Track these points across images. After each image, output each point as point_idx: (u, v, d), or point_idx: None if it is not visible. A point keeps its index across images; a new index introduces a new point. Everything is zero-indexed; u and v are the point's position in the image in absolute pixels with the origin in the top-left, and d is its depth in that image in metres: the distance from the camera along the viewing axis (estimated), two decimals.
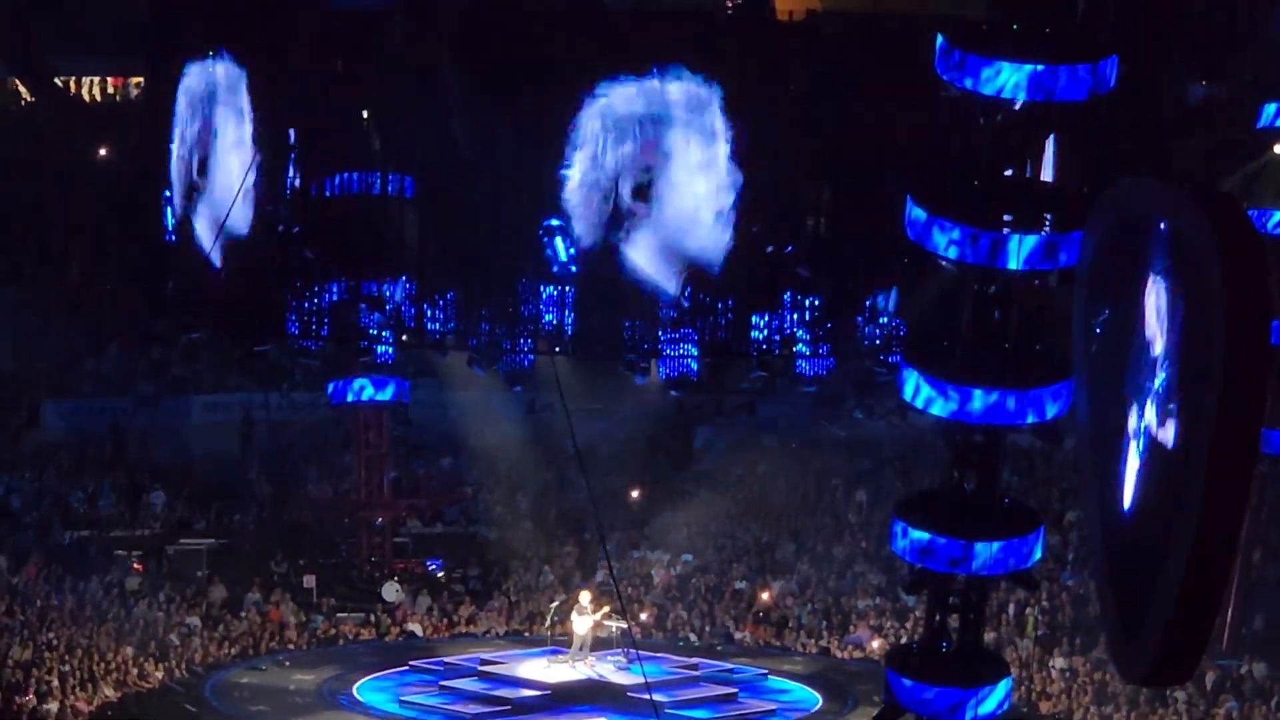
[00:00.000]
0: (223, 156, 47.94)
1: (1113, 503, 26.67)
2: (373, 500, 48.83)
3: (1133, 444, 25.83)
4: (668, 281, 44.45)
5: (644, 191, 44.52)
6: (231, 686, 40.31)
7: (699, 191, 44.73)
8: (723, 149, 44.01)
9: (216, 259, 47.87)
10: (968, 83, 26.70)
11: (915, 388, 27.47)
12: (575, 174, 45.07)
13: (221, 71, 48.11)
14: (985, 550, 27.36)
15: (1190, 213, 24.40)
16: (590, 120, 45.05)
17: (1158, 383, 25.08)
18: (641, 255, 44.59)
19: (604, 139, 45.02)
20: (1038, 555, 27.86)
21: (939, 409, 27.39)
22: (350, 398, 48.42)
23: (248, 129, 48.04)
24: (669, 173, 44.90)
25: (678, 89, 45.12)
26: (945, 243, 26.83)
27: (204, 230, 48.00)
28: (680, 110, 45.25)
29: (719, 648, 44.65)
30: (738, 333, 46.76)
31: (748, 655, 43.89)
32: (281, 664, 42.91)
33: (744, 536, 50.42)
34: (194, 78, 47.25)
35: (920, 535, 27.46)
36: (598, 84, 44.26)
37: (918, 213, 27.02)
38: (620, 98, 45.34)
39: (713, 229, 44.38)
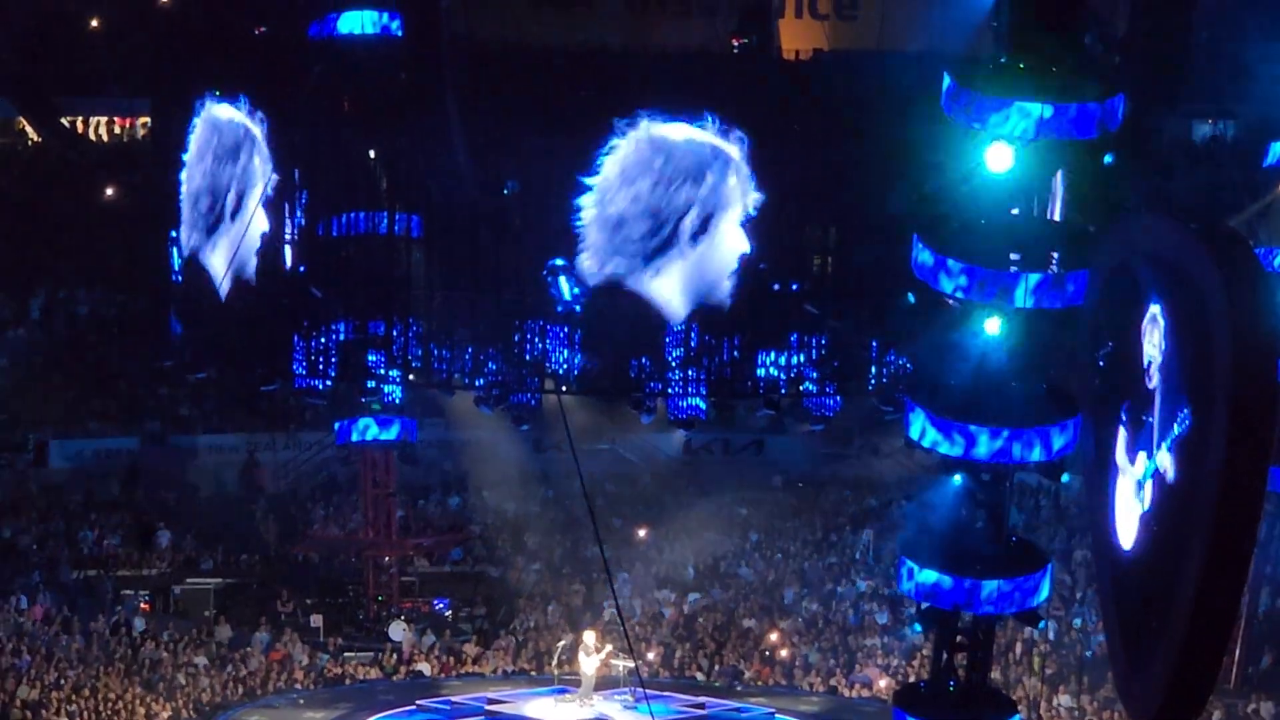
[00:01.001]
0: (231, 197, 48.16)
1: (1110, 538, 26.78)
2: (380, 539, 48.84)
3: (1127, 479, 25.93)
4: (676, 318, 44.58)
5: (699, 231, 44.72)
6: None
7: (735, 242, 44.92)
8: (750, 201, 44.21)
9: (224, 298, 48.11)
10: (976, 123, 26.83)
11: (921, 427, 27.55)
12: (600, 204, 45.21)
13: (230, 111, 48.33)
14: (992, 589, 27.43)
15: (1194, 250, 24.52)
16: (651, 153, 45.24)
17: (1157, 418, 25.18)
18: (668, 285, 44.69)
19: (672, 171, 45.17)
20: (1045, 594, 27.95)
21: (945, 449, 27.47)
22: (355, 437, 48.46)
23: (256, 168, 48.29)
24: (723, 217, 45.08)
25: (716, 136, 45.40)
26: (953, 284, 26.95)
27: (212, 270, 48.18)
28: (726, 157, 45.51)
29: (730, 686, 44.57)
30: (745, 371, 46.83)
31: (756, 694, 43.77)
32: (296, 703, 42.89)
33: (751, 575, 50.35)
34: (202, 116, 47.43)
35: (927, 574, 27.53)
36: (611, 124, 44.42)
37: (925, 253, 27.14)
38: (684, 135, 45.57)
39: (728, 283, 44.64)
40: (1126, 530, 26.39)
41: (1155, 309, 25.22)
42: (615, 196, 45.11)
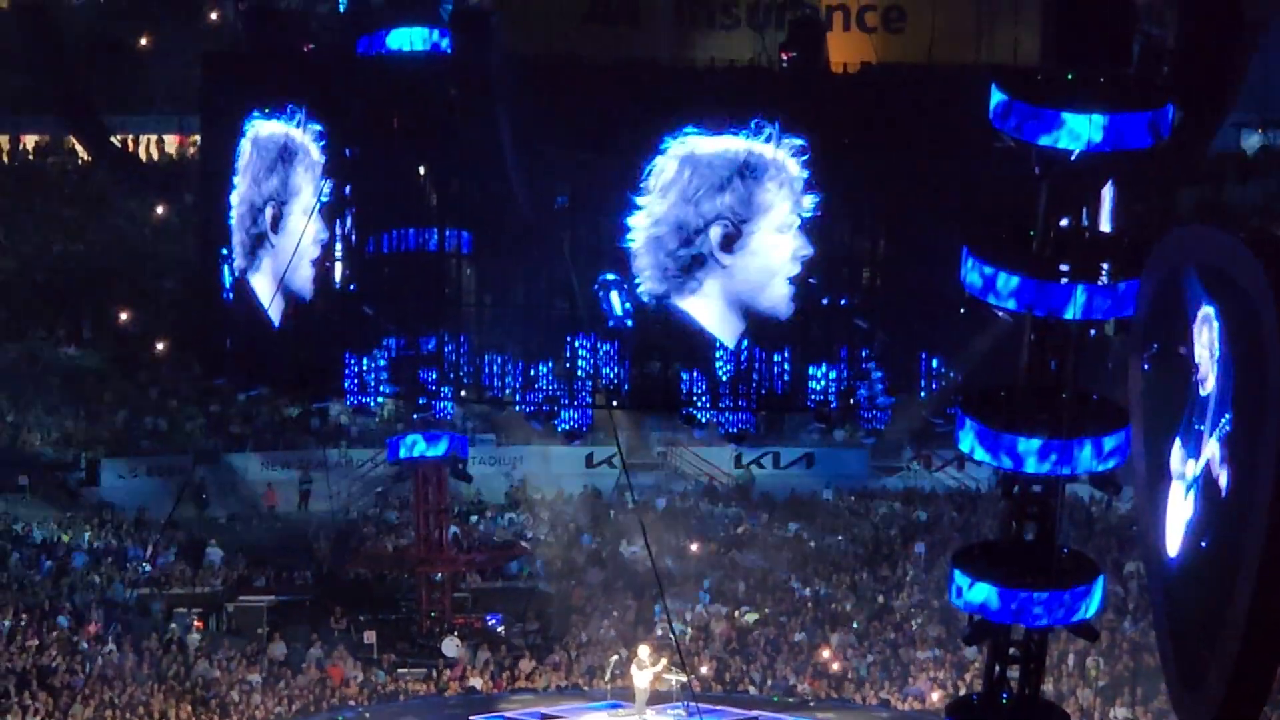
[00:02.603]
0: (284, 214, 48.36)
1: (1160, 547, 26.81)
2: (432, 555, 48.84)
3: (1178, 488, 25.98)
4: (728, 335, 44.64)
5: (730, 242, 44.76)
6: None
7: (781, 249, 44.95)
8: (804, 204, 44.28)
9: (276, 315, 48.29)
10: (1026, 134, 26.87)
11: (972, 440, 27.60)
12: (644, 222, 45.30)
13: (274, 126, 48.55)
14: (1045, 601, 27.45)
15: (1245, 259, 24.57)
16: (683, 168, 45.34)
17: (1209, 428, 25.23)
18: (709, 306, 44.79)
19: (700, 184, 45.28)
20: (1097, 605, 27.92)
21: (995, 461, 27.53)
22: (404, 453, 48.59)
23: (306, 185, 48.50)
24: (758, 226, 45.13)
25: (764, 143, 45.50)
26: (1004, 294, 27.01)
27: (263, 287, 48.35)
28: (774, 163, 45.56)
29: (779, 700, 44.62)
30: (796, 385, 46.84)
31: (807, 708, 43.81)
32: (365, 716, 42.99)
33: (803, 591, 50.42)
34: (252, 134, 47.64)
35: (980, 587, 27.56)
36: (668, 136, 44.53)
37: (975, 264, 27.20)
38: (713, 149, 45.65)
39: (786, 288, 44.64)
40: (1174, 542, 26.47)
41: (1208, 309, 25.28)
42: (657, 212, 45.33)
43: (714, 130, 45.88)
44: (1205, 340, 25.45)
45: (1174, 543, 26.36)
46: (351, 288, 47.68)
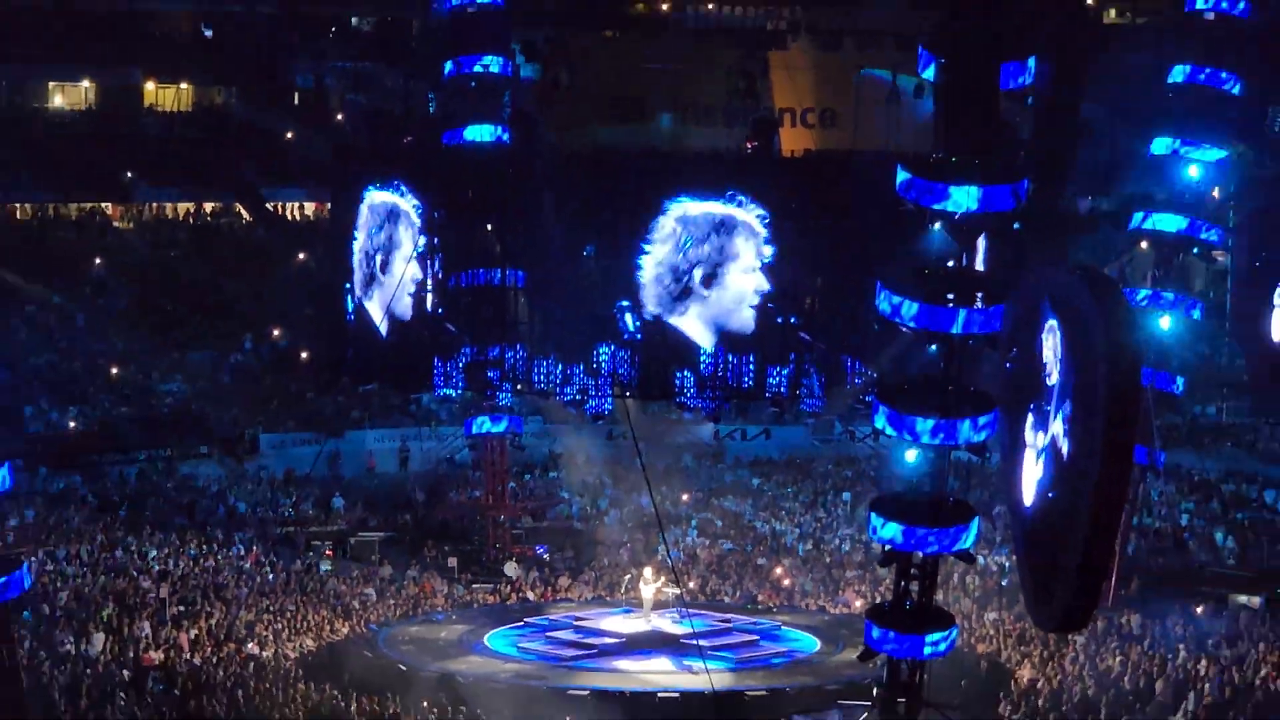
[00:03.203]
0: (390, 259, 48.36)
1: (1018, 499, 26.83)
2: (496, 504, 48.80)
3: (1031, 454, 26.01)
4: (708, 345, 44.68)
5: (710, 280, 44.76)
6: (398, 638, 40.28)
7: (747, 285, 44.92)
8: (764, 253, 44.26)
9: (384, 331, 48.28)
10: (923, 201, 26.82)
11: (884, 419, 27.57)
12: (650, 263, 45.27)
13: (384, 195, 48.55)
14: (935, 535, 27.43)
15: (1080, 289, 24.66)
16: (676, 224, 45.27)
17: (1054, 409, 25.26)
18: (694, 324, 44.80)
19: (687, 238, 45.24)
20: (973, 538, 27.87)
21: (903, 432, 27.49)
22: (475, 430, 48.42)
23: (406, 238, 48.47)
24: (732, 268, 45.07)
25: (738, 208, 45.45)
26: (907, 316, 26.98)
27: (375, 312, 48.36)
28: (743, 223, 45.50)
29: (747, 607, 44.63)
30: (757, 381, 46.81)
31: (766, 613, 43.78)
32: (438, 621, 42.96)
33: (763, 528, 50.42)
34: (368, 202, 47.67)
35: (890, 526, 27.53)
36: (668, 202, 44.51)
37: (886, 295, 27.17)
38: (699, 210, 45.58)
39: (750, 312, 44.66)
40: (1029, 493, 26.47)
41: (1053, 322, 25.31)
42: (658, 257, 45.39)
43: (700, 198, 45.85)
44: (1051, 345, 25.46)
45: (1029, 495, 26.33)
46: (438, 312, 47.57)
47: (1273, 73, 43.45)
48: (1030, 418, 26.30)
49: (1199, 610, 41.30)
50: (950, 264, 27.05)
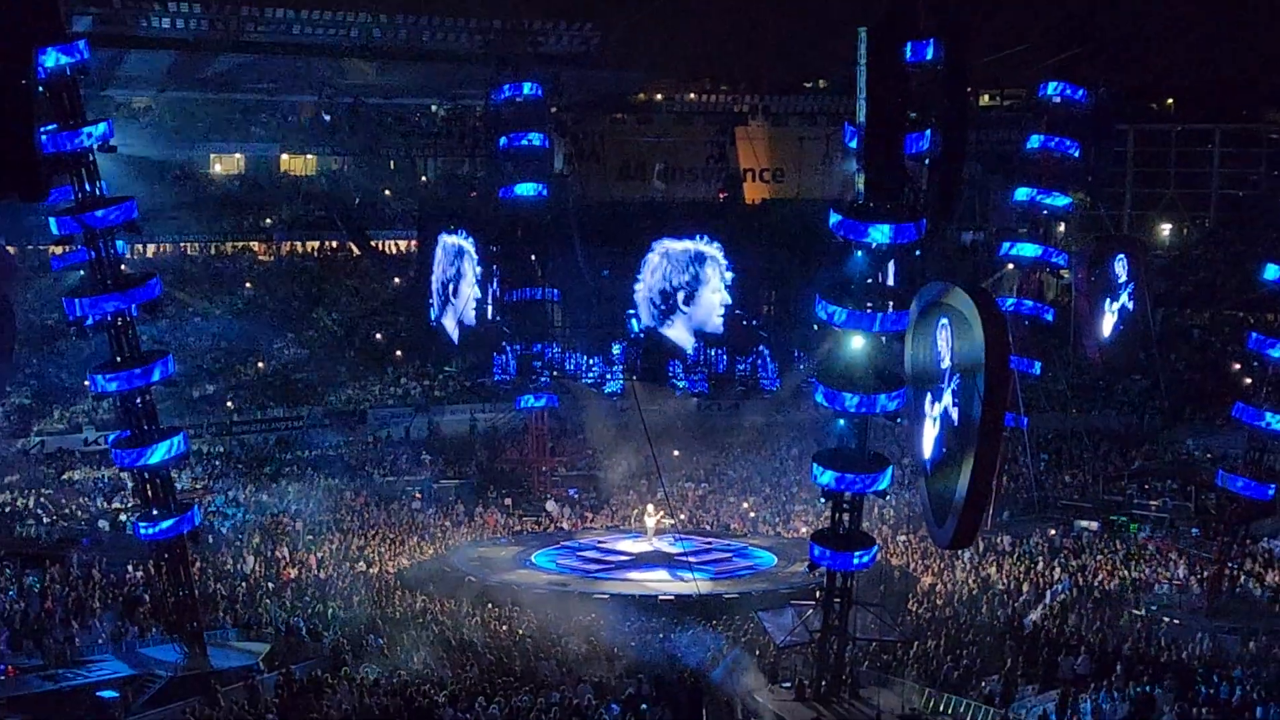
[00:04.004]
0: (458, 285, 48.38)
1: (920, 453, 26.68)
2: (539, 458, 48.69)
3: (930, 420, 25.89)
4: (689, 344, 44.69)
5: (689, 298, 44.87)
6: (468, 557, 40.24)
7: (716, 300, 44.96)
8: (727, 277, 44.32)
9: (455, 335, 48.25)
10: (850, 236, 26.65)
11: (822, 395, 27.42)
12: (642, 289, 45.31)
13: (453, 238, 48.53)
14: (860, 479, 27.28)
15: (967, 299, 24.54)
16: (663, 258, 45.30)
17: (946, 385, 25.15)
18: (678, 330, 44.89)
19: (672, 267, 45.28)
20: (888, 480, 27.72)
21: (833, 406, 27.33)
22: (523, 405, 48.31)
23: (469, 269, 48.48)
24: (703, 290, 45.10)
25: (705, 245, 45.45)
26: (837, 320, 26.83)
27: (449, 322, 48.40)
28: (710, 256, 45.52)
29: (723, 532, 44.50)
30: (728, 369, 46.82)
31: (737, 538, 43.67)
32: (499, 543, 42.64)
33: (734, 475, 50.24)
34: (442, 243, 47.70)
35: (827, 473, 27.37)
36: (654, 242, 44.54)
37: (822, 304, 27.01)
38: (679, 248, 45.54)
39: (719, 319, 44.73)
40: (928, 448, 26.34)
41: (945, 320, 25.18)
42: (649, 282, 45.55)
43: (680, 239, 45.86)
44: (945, 338, 25.35)
45: (928, 450, 26.25)
46: (496, 319, 47.68)
47: (1100, 141, 43.29)
48: (929, 393, 26.17)
49: (1052, 532, 41.35)
50: (869, 281, 26.93)
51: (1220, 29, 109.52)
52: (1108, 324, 42.39)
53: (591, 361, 48.46)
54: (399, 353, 59.65)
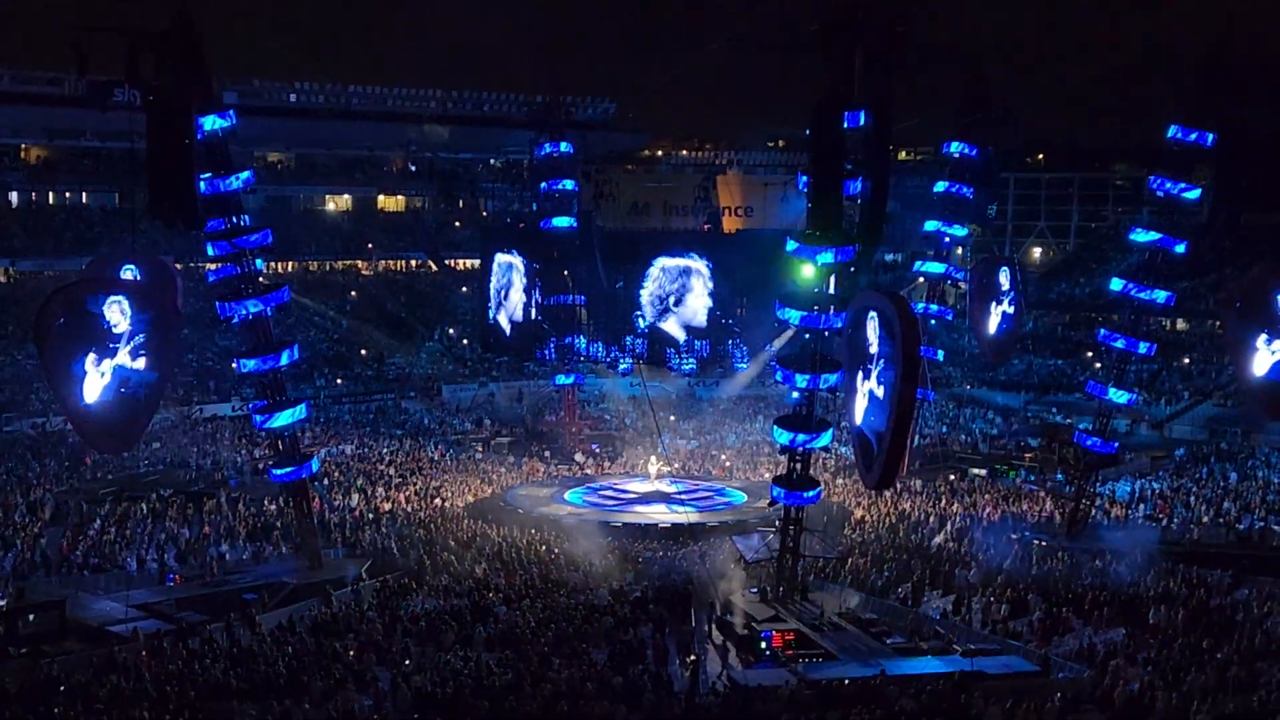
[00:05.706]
0: (509, 292, 48.13)
1: (853, 419, 26.49)
2: (570, 422, 48.42)
3: (861, 395, 25.78)
4: (680, 336, 44.47)
5: (679, 301, 44.61)
6: (518, 496, 40.01)
7: (702, 303, 44.71)
8: (709, 286, 44.03)
9: (508, 329, 48.06)
10: (805, 258, 26.53)
11: (780, 375, 27.37)
12: (646, 295, 45.06)
13: (506, 256, 48.26)
14: (809, 437, 27.24)
15: (889, 303, 24.38)
16: (661, 272, 45.00)
17: (874, 367, 25.06)
18: (673, 325, 44.67)
19: (666, 278, 44.98)
20: (829, 438, 27.63)
21: (790, 382, 27.28)
22: (558, 382, 48.01)
23: (518, 279, 48.36)
24: (690, 295, 44.82)
25: (693, 261, 45.11)
26: (793, 320, 26.74)
27: (503, 320, 48.16)
28: (696, 270, 45.19)
29: (706, 475, 44.32)
30: (711, 354, 46.62)
31: (717, 481, 43.51)
32: (539, 485, 42.48)
33: (715, 436, 50.00)
34: (497, 260, 47.45)
35: (784, 433, 27.34)
36: (655, 259, 44.23)
37: (780, 307, 26.93)
38: (673, 263, 45.23)
39: (704, 317, 44.44)
40: (859, 415, 26.26)
41: (873, 316, 25.04)
42: (650, 289, 45.28)
43: (675, 256, 45.61)
44: (872, 329, 25.17)
45: (859, 416, 26.07)
46: (538, 318, 47.49)
47: (988, 186, 43.19)
48: (860, 373, 26.11)
49: (952, 478, 41.21)
50: (815, 290, 26.89)
51: (1079, 100, 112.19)
52: (994, 323, 42.29)
53: (609, 350, 48.30)
54: (464, 341, 59.59)
